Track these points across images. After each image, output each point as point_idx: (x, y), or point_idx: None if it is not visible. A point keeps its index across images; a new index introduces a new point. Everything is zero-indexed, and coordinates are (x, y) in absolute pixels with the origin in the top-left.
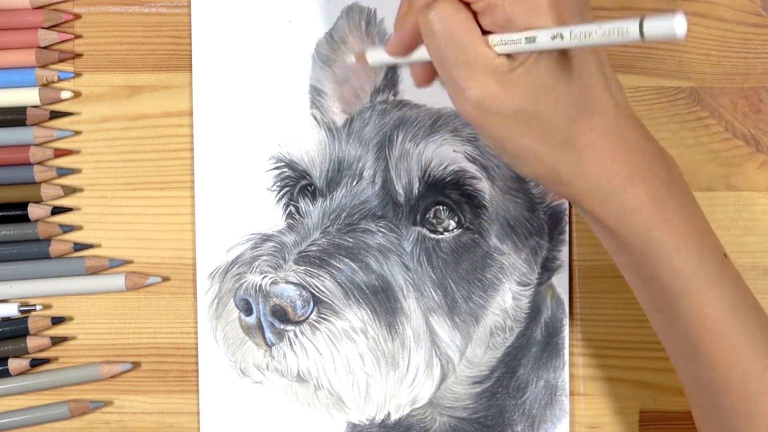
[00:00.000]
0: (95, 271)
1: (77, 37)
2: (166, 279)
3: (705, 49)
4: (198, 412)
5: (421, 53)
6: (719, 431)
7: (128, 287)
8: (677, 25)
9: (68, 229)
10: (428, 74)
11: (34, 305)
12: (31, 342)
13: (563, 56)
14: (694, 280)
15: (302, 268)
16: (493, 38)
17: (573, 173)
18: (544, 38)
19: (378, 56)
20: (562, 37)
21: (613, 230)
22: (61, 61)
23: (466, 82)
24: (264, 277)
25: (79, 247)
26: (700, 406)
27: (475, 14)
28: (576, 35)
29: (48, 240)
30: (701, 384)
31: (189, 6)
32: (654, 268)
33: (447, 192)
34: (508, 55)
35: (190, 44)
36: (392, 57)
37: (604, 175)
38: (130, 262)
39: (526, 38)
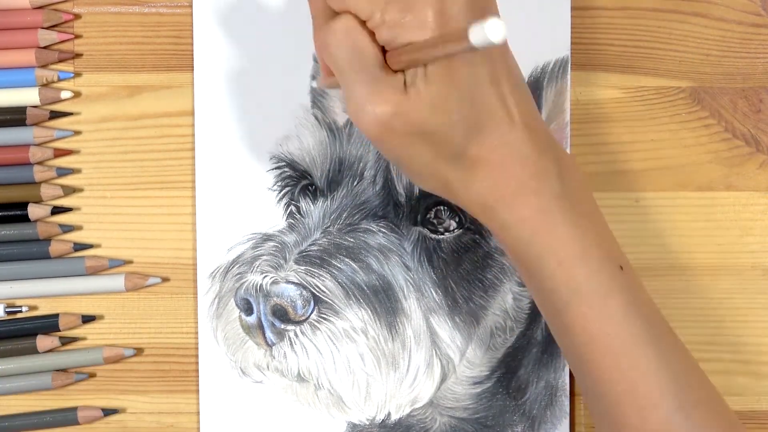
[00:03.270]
0: (95, 272)
1: (77, 37)
2: (165, 279)
3: (705, 49)
4: (198, 412)
5: None
6: None
7: (128, 288)
8: (489, 31)
9: (68, 229)
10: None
11: (21, 306)
12: (41, 342)
13: (451, 75)
14: (576, 293)
15: (303, 267)
16: (389, 54)
17: (462, 187)
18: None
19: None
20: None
21: (503, 241)
22: (60, 61)
23: (367, 97)
24: (265, 277)
25: (79, 247)
26: (595, 419)
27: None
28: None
29: (48, 240)
30: (592, 396)
31: (189, 6)
32: (539, 281)
33: None
34: (404, 73)
35: (190, 44)
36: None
37: (489, 190)
38: (130, 262)
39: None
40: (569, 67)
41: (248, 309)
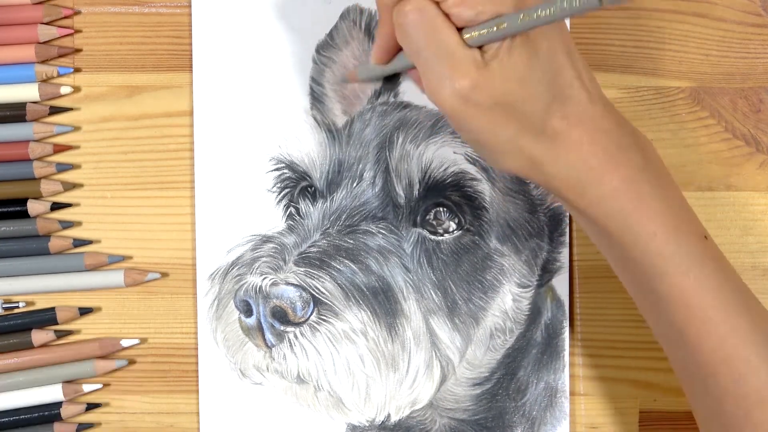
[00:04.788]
0: (94, 267)
1: (77, 32)
2: (165, 275)
3: (705, 49)
4: (198, 413)
5: (403, 60)
6: (711, 414)
7: (127, 283)
8: None
9: (68, 225)
10: (390, 50)
11: (17, 302)
12: (36, 336)
13: (532, 48)
14: (671, 263)
15: (302, 269)
16: (465, 31)
17: (549, 161)
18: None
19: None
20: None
21: (591, 216)
22: (60, 56)
23: (448, 72)
24: (264, 279)
25: (79, 243)
26: (691, 390)
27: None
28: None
29: (47, 236)
30: (689, 367)
31: (189, 6)
32: (632, 253)
33: (447, 193)
34: (481, 49)
35: (190, 44)
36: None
37: (579, 162)
38: (130, 258)
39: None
40: None
41: (248, 311)
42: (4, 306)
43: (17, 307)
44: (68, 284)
